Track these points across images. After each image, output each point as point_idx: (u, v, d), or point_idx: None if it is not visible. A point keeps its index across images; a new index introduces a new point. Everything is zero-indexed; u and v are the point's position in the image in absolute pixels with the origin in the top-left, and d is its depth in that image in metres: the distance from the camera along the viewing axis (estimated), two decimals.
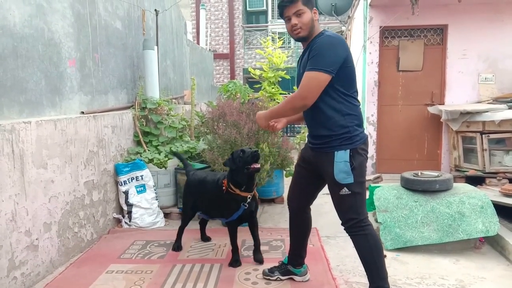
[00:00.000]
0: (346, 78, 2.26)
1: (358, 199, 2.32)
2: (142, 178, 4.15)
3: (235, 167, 2.89)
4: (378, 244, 2.35)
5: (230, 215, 3.01)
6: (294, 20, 2.29)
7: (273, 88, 5.70)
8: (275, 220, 4.26)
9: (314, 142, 2.43)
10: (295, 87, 2.60)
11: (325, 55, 2.17)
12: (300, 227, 2.75)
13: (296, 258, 2.80)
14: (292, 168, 4.40)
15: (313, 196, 2.69)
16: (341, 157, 2.26)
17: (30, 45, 3.03)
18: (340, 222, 2.41)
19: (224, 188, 2.99)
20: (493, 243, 3.43)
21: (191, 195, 3.42)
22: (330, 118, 2.29)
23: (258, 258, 3.12)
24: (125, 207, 4.10)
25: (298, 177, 2.67)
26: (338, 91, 2.27)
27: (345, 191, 2.29)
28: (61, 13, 3.42)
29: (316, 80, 2.17)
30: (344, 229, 2.40)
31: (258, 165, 2.84)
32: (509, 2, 5.62)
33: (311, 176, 2.55)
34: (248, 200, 2.96)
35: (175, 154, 4.28)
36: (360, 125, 2.35)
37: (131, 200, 4.07)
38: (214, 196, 3.16)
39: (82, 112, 3.68)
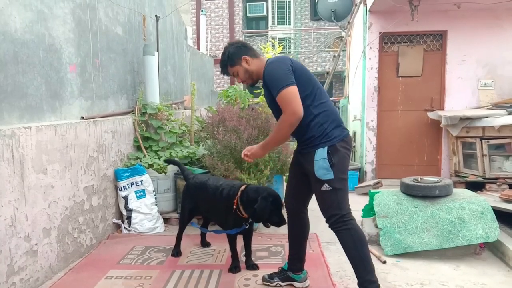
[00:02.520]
0: (300, 84, 2.38)
1: (339, 195, 2.43)
2: (141, 183, 4.15)
3: (257, 212, 2.81)
4: (362, 238, 2.44)
5: (230, 228, 2.99)
6: (237, 79, 2.66)
7: None
8: None
9: (300, 146, 2.58)
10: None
11: (277, 76, 2.38)
12: (298, 229, 2.78)
13: (295, 263, 2.80)
14: None
15: (307, 196, 2.75)
16: (320, 155, 2.39)
17: (31, 50, 3.04)
18: (325, 220, 2.50)
19: (234, 207, 2.92)
20: (493, 249, 3.42)
21: (191, 198, 3.41)
22: (305, 123, 2.41)
23: (250, 265, 3.12)
24: (124, 212, 4.09)
25: (291, 178, 2.78)
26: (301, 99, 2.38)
27: (326, 187, 2.40)
28: (62, 19, 3.44)
29: (290, 94, 2.32)
30: (329, 226, 2.49)
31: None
32: (508, 9, 5.65)
33: (302, 177, 2.63)
34: (250, 220, 2.96)
35: (170, 161, 4.04)
36: (336, 120, 2.47)
37: (130, 205, 4.07)
38: (217, 207, 3.13)
39: (82, 117, 3.69)
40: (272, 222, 2.83)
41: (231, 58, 2.59)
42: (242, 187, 2.97)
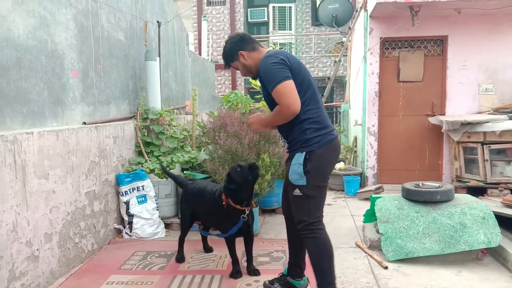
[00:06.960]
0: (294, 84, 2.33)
1: (311, 203, 2.39)
2: (143, 189, 4.15)
3: (235, 186, 2.85)
4: (327, 249, 2.42)
5: (229, 229, 2.98)
6: (240, 72, 2.68)
7: None
8: (276, 231, 4.25)
9: (288, 146, 2.56)
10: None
11: (272, 71, 2.32)
12: (296, 236, 2.70)
13: (294, 268, 2.78)
14: None
15: None
16: (296, 159, 2.36)
17: (34, 56, 3.06)
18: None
19: (224, 203, 2.94)
20: (495, 254, 3.40)
21: (189, 204, 3.41)
22: (290, 125, 2.41)
23: (251, 270, 3.11)
24: (126, 218, 4.09)
25: (285, 184, 2.71)
26: None
27: (297, 192, 2.38)
28: (65, 25, 3.46)
29: (286, 88, 2.28)
30: (298, 229, 2.47)
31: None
32: (508, 14, 5.67)
33: None
34: (247, 212, 2.96)
35: (165, 171, 3.92)
36: (321, 128, 2.40)
37: (132, 211, 4.07)
38: (213, 210, 3.14)
39: (84, 123, 3.70)
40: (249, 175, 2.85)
41: (229, 54, 2.60)
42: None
